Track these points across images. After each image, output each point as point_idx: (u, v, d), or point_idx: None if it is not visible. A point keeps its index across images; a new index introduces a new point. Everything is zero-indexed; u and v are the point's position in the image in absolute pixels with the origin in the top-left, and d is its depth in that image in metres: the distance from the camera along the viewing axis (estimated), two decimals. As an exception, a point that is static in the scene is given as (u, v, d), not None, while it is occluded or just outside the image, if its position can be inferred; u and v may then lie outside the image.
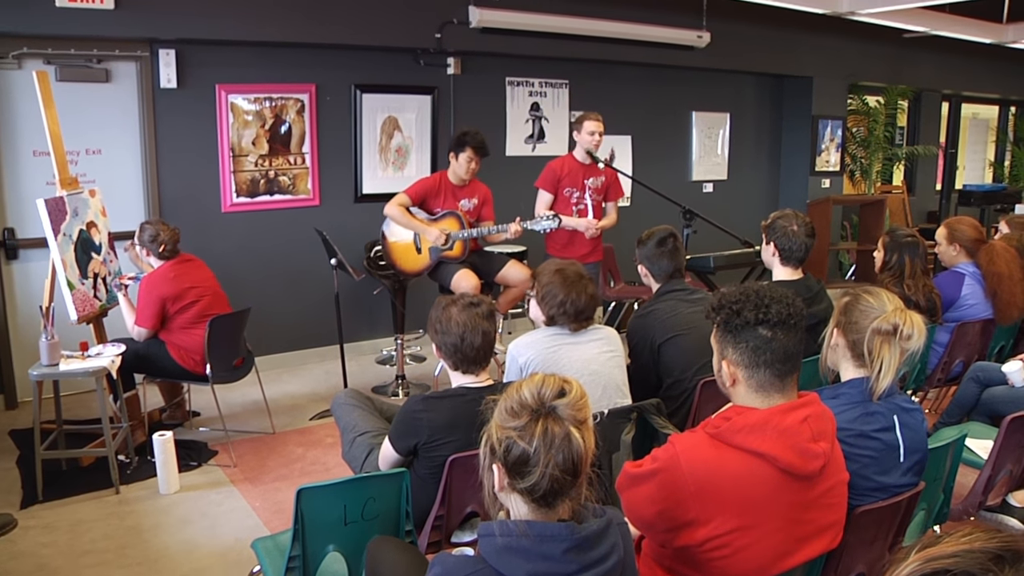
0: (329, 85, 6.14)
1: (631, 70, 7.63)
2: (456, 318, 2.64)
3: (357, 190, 6.39)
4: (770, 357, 1.93)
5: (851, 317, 2.32)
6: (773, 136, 9.02)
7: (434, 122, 6.61)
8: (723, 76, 8.35)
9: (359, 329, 6.52)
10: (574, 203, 5.42)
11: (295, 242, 6.13)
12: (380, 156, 6.45)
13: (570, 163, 5.48)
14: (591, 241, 5.43)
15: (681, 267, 3.55)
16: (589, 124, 5.37)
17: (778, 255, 3.56)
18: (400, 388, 5.61)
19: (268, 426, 4.95)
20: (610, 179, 5.50)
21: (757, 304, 1.95)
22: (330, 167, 6.24)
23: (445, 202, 5.23)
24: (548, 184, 5.46)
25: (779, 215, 3.59)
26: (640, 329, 3.40)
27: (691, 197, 7.72)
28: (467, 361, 2.67)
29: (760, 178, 8.98)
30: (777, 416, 1.88)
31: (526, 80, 7.09)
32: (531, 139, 7.18)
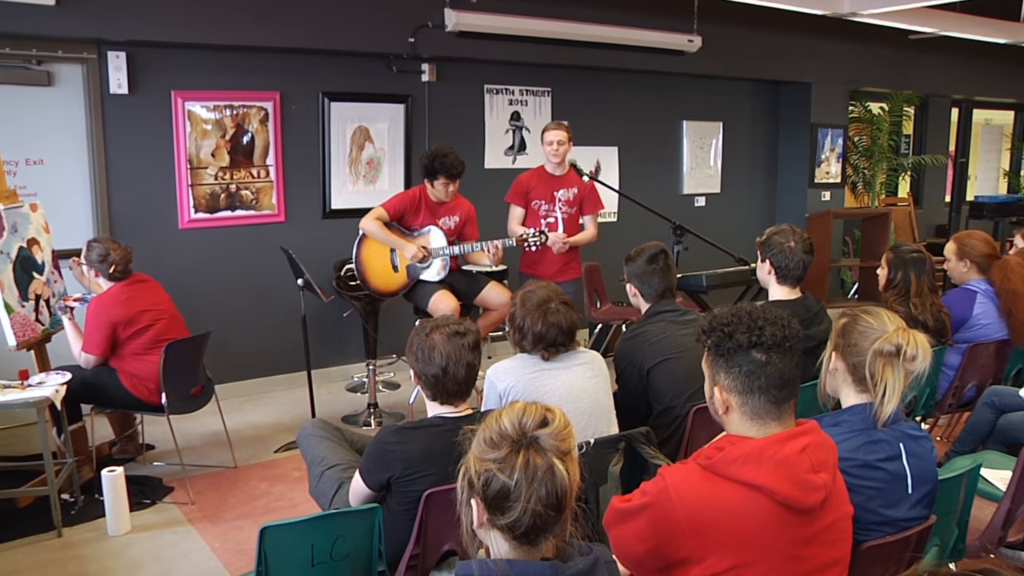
0: (295, 93, 6.16)
1: (618, 77, 7.71)
2: (440, 347, 2.64)
3: (325, 205, 6.40)
4: (765, 382, 1.94)
5: (850, 339, 2.35)
6: (769, 146, 9.12)
7: (408, 133, 6.64)
8: (715, 83, 8.44)
9: (328, 354, 6.51)
10: (543, 216, 5.48)
11: (259, 261, 6.12)
12: (350, 169, 6.47)
13: (539, 175, 5.56)
14: (563, 257, 5.48)
15: (672, 286, 3.57)
16: (548, 134, 5.48)
17: (774, 273, 3.60)
18: (372, 418, 5.60)
19: (229, 460, 4.92)
20: (585, 191, 5.55)
21: (750, 326, 1.97)
22: (296, 181, 6.25)
23: (424, 219, 5.25)
24: (517, 198, 5.54)
25: (775, 231, 3.63)
26: (628, 353, 3.41)
27: (682, 212, 7.78)
28: (447, 393, 2.68)
29: (755, 191, 9.07)
30: (774, 446, 1.90)
31: (506, 88, 7.14)
32: (511, 151, 7.23)
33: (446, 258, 5.20)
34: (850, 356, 2.34)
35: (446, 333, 2.66)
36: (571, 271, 5.60)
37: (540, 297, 3.12)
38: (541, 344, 3.09)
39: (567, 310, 3.11)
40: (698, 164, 8.51)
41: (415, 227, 5.24)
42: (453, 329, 2.67)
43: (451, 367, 2.63)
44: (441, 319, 2.76)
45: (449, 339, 2.64)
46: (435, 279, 5.19)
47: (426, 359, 2.65)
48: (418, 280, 5.21)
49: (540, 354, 3.10)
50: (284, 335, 6.17)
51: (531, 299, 3.12)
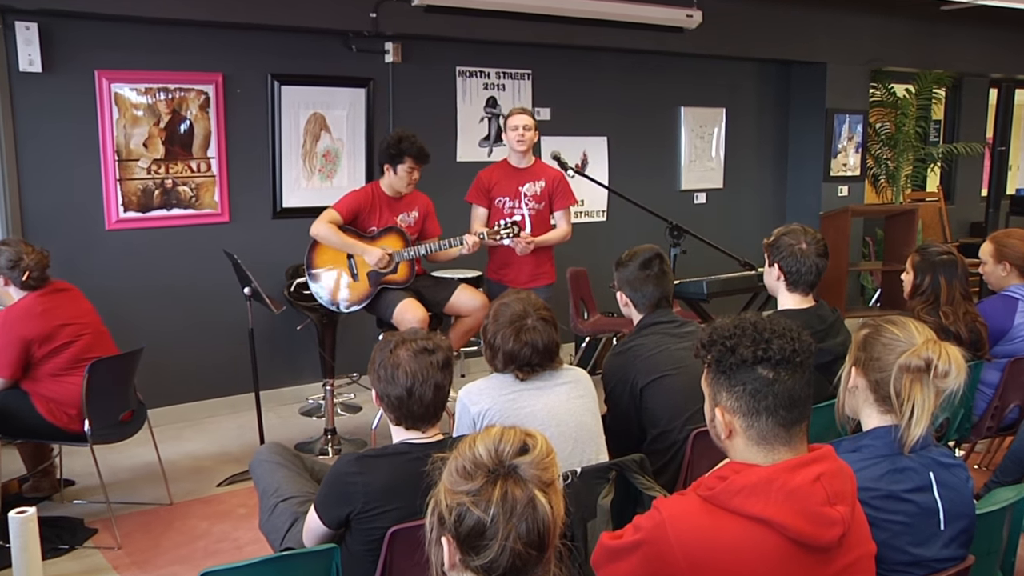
0: (240, 74, 6.15)
1: (607, 58, 7.74)
2: (406, 366, 2.64)
3: (276, 204, 6.39)
4: (772, 402, 1.96)
5: (872, 352, 2.37)
6: (779, 136, 9.18)
7: (369, 121, 6.64)
8: (718, 64, 8.49)
9: (279, 374, 6.49)
10: (507, 214, 5.52)
11: (199, 267, 6.10)
12: (304, 162, 6.46)
13: (501, 169, 5.61)
14: (534, 260, 5.52)
15: (668, 294, 3.59)
16: (512, 118, 5.54)
17: (784, 279, 3.62)
18: (329, 445, 5.60)
19: (164, 496, 4.90)
20: (553, 184, 5.59)
21: (755, 339, 1.98)
22: (242, 176, 6.24)
23: (381, 218, 5.27)
24: (478, 196, 5.58)
25: (784, 231, 3.65)
26: (619, 369, 3.42)
27: (680, 210, 7.81)
28: (413, 417, 2.68)
29: (763, 186, 9.13)
30: (783, 474, 1.91)
31: (480, 70, 7.16)
32: (487, 141, 7.24)
33: (412, 260, 5.21)
34: (872, 372, 2.36)
35: (413, 349, 2.66)
36: (544, 276, 5.62)
37: (515, 311, 3.13)
38: (513, 364, 3.10)
39: (545, 327, 3.12)
40: (698, 156, 8.56)
41: (372, 228, 5.25)
42: (421, 345, 2.68)
43: (417, 388, 2.63)
44: (408, 333, 2.76)
45: (416, 356, 2.65)
46: (400, 286, 5.19)
47: (389, 378, 2.65)
48: (382, 288, 5.21)
49: (514, 374, 3.12)
50: (229, 352, 6.15)
51: (504, 313, 3.14)
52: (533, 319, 3.11)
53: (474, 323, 5.22)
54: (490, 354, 3.16)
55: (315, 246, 5.25)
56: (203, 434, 5.95)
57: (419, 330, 2.84)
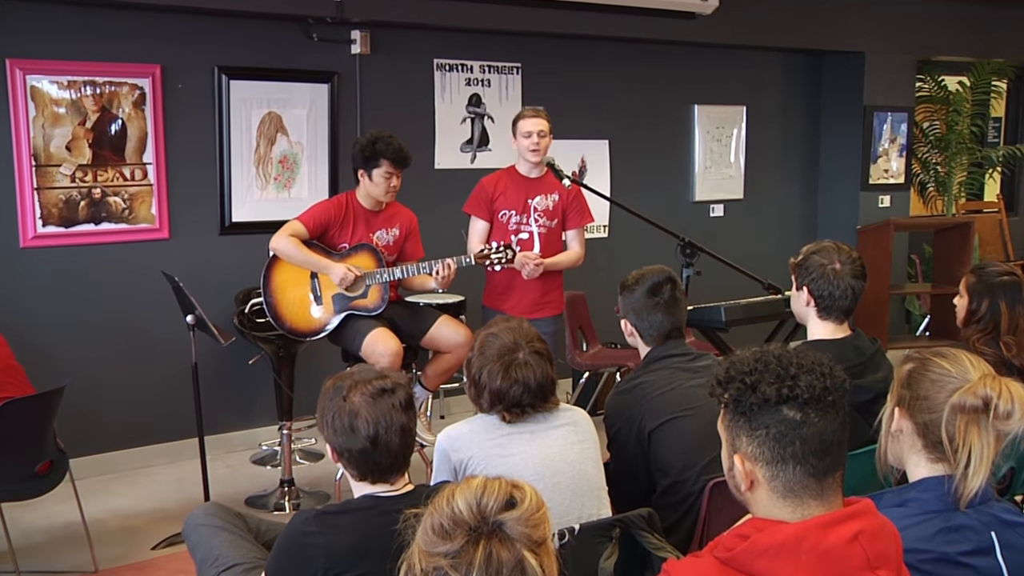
0: (182, 67, 6.15)
1: (609, 48, 7.78)
2: (365, 413, 2.63)
3: (224, 218, 6.39)
4: (801, 448, 1.95)
5: (919, 390, 2.37)
6: (809, 137, 9.24)
7: (333, 121, 6.66)
8: (738, 55, 8.54)
9: (227, 415, 6.48)
10: (513, 231, 5.51)
11: (133, 292, 6.09)
12: (257, 169, 6.47)
13: (508, 177, 5.59)
14: (540, 285, 5.51)
15: (681, 323, 3.60)
16: (524, 123, 5.50)
17: (814, 305, 3.62)
18: (286, 499, 5.58)
19: (87, 562, 4.85)
20: (569, 198, 5.60)
21: (780, 374, 1.97)
22: (184, 185, 6.23)
23: (355, 234, 5.27)
24: (479, 207, 5.55)
25: (815, 249, 3.66)
26: (624, 410, 3.43)
27: (693, 224, 7.85)
28: (380, 470, 2.68)
29: (790, 196, 9.17)
30: (815, 532, 1.90)
31: (462, 63, 7.18)
32: (469, 146, 7.27)
33: (384, 284, 5.21)
34: (920, 413, 2.36)
35: (369, 392, 2.65)
36: (551, 305, 5.62)
37: (504, 343, 3.13)
38: (501, 404, 3.11)
39: (539, 362, 3.13)
40: (714, 162, 8.60)
41: (343, 245, 5.26)
42: (377, 386, 2.67)
43: (382, 437, 2.62)
44: (358, 373, 2.75)
45: (374, 400, 2.64)
46: (370, 313, 5.19)
47: (347, 430, 2.64)
48: (348, 316, 5.21)
49: (501, 415, 3.12)
50: (168, 390, 6.13)
51: (491, 345, 3.14)
52: (525, 352, 3.11)
53: (455, 360, 5.21)
54: (475, 392, 3.16)
55: (274, 263, 5.25)
56: (136, 488, 5.91)
57: (368, 368, 2.85)
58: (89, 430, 5.96)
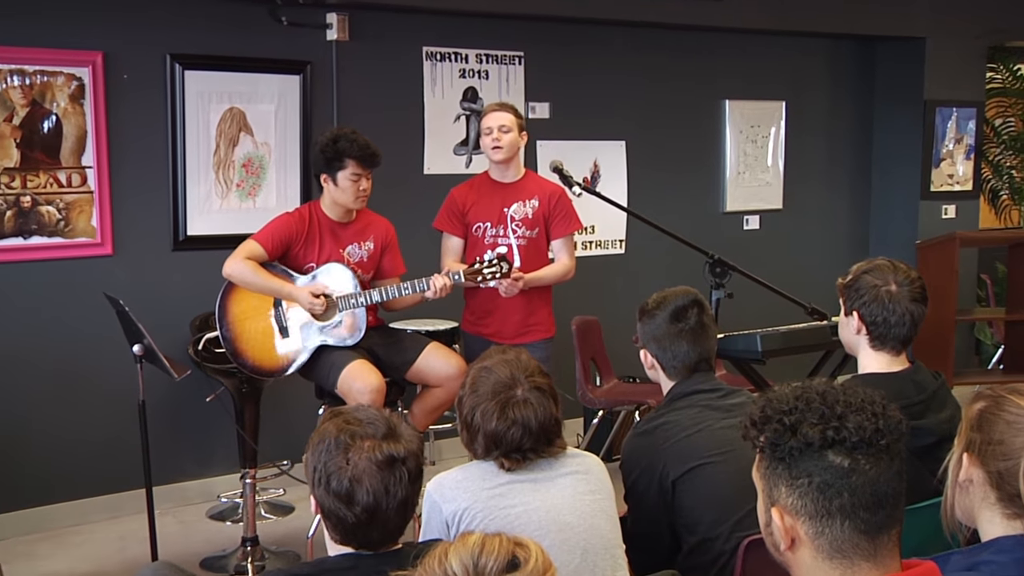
0: (127, 54, 6.13)
1: (626, 35, 7.79)
2: (368, 481, 2.55)
3: (178, 230, 6.36)
4: (850, 501, 1.94)
5: (992, 433, 2.36)
6: (859, 137, 9.23)
7: (305, 118, 6.65)
8: (776, 43, 8.55)
9: (180, 462, 6.45)
10: (489, 244, 5.52)
11: (69, 317, 6.07)
12: (217, 175, 6.45)
13: (480, 185, 5.64)
14: (523, 307, 5.52)
15: (709, 354, 3.60)
16: (484, 120, 5.57)
17: (866, 333, 3.61)
18: (249, 560, 5.54)
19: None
20: (551, 203, 5.62)
21: (824, 414, 1.96)
22: (131, 192, 6.20)
23: (322, 251, 5.26)
24: (450, 222, 5.58)
25: (867, 267, 3.65)
26: (643, 455, 3.42)
27: (724, 239, 7.85)
28: (369, 542, 2.64)
29: (837, 206, 9.16)
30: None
31: (455, 52, 7.19)
32: (464, 146, 7.26)
33: (360, 309, 5.21)
34: (993, 460, 2.35)
35: (377, 459, 2.58)
36: (539, 328, 5.63)
37: (499, 379, 3.11)
38: (498, 449, 3.08)
39: (541, 399, 3.10)
40: (748, 166, 8.60)
41: (310, 264, 5.26)
42: (387, 453, 2.59)
43: (381, 512, 2.57)
44: (366, 421, 2.69)
45: (381, 469, 2.57)
46: (346, 343, 5.19)
47: (344, 495, 2.57)
48: (320, 347, 5.20)
49: (499, 462, 3.11)
50: (109, 433, 6.09)
51: (485, 380, 3.13)
52: (524, 388, 3.10)
53: (447, 396, 5.17)
54: (467, 436, 3.15)
55: (230, 291, 5.24)
56: (69, 549, 5.86)
57: (374, 413, 2.76)
58: (13, 481, 5.92)
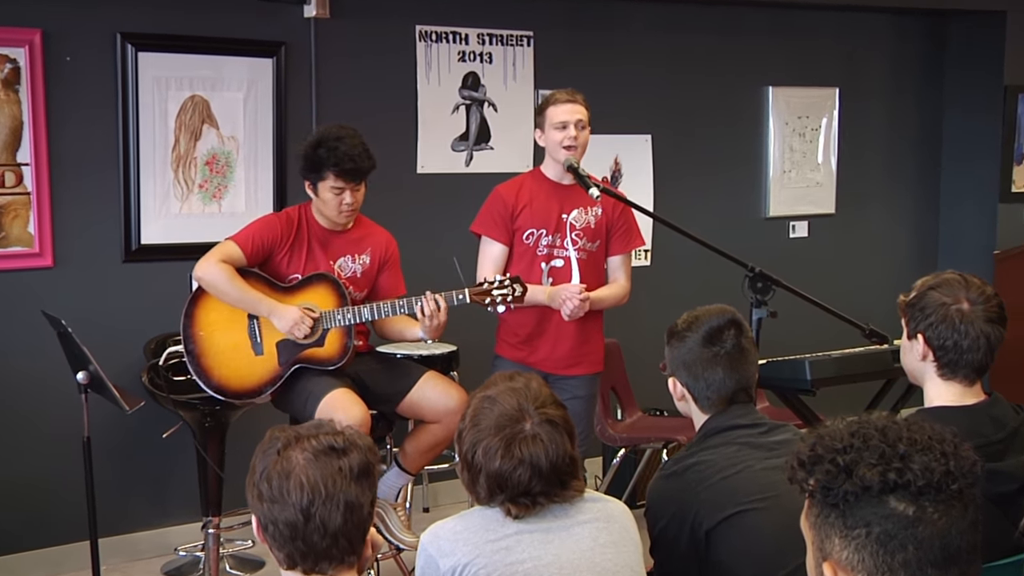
0: (71, 33, 6.14)
1: (651, 12, 7.82)
2: (300, 474, 2.59)
3: (130, 239, 6.37)
4: (915, 556, 1.93)
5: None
6: (926, 130, 9.24)
7: (279, 109, 6.67)
8: (828, 19, 8.57)
9: (132, 509, 6.45)
10: (543, 258, 5.49)
11: (1, 338, 6.06)
12: (176, 174, 6.46)
13: (534, 184, 5.56)
14: (578, 333, 5.49)
15: (749, 382, 3.60)
16: (556, 111, 5.43)
17: (933, 359, 3.60)
18: (212, 623, 5.58)
19: None
20: (616, 213, 5.61)
21: (885, 453, 1.96)
22: (75, 194, 6.21)
23: (308, 260, 5.28)
24: (494, 226, 5.50)
25: (934, 282, 3.64)
26: (672, 501, 3.42)
27: (767, 248, 7.88)
28: (314, 554, 2.63)
29: (900, 210, 9.17)
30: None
31: (454, 31, 7.20)
32: (464, 143, 7.28)
33: (349, 329, 5.20)
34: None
35: (313, 449, 2.62)
36: (590, 359, 5.61)
37: (504, 410, 3.10)
38: (502, 493, 3.07)
39: (553, 434, 3.09)
40: (795, 164, 8.61)
41: (294, 275, 5.27)
42: (325, 443, 2.63)
43: (318, 508, 2.58)
44: (308, 426, 2.74)
45: (316, 460, 2.60)
46: (327, 367, 5.19)
47: (276, 494, 2.60)
48: (300, 369, 5.20)
49: (504, 508, 3.09)
50: (48, 475, 6.09)
51: (488, 412, 3.11)
52: (533, 422, 3.08)
53: (445, 433, 5.18)
54: (468, 477, 3.14)
55: (200, 299, 5.24)
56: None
57: (324, 422, 2.80)
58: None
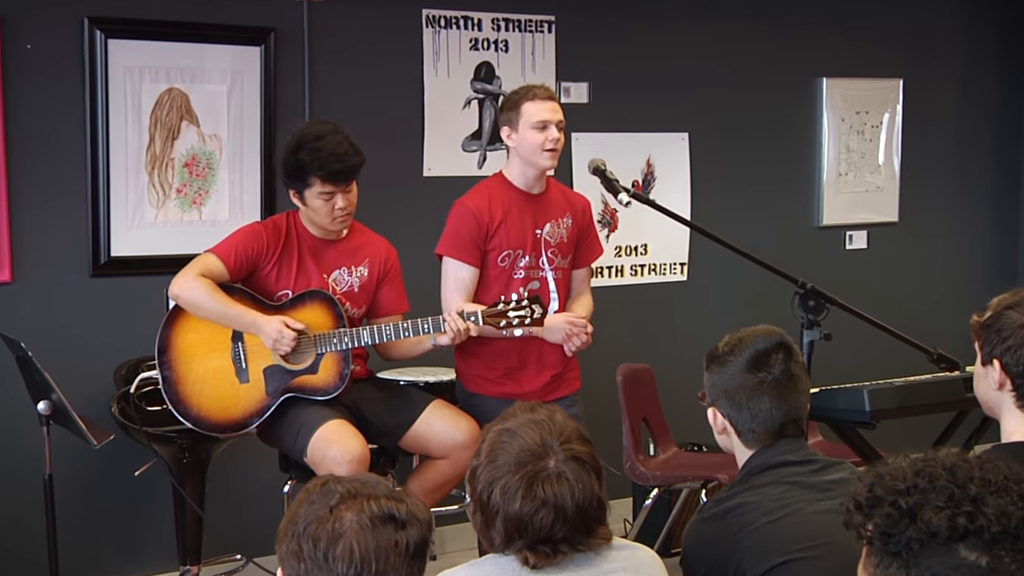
0: (31, 17, 6.17)
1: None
2: (352, 541, 2.56)
3: (99, 251, 6.39)
4: (988, 612, 1.94)
5: None
6: (1004, 127, 9.24)
7: (268, 103, 6.71)
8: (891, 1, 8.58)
9: (100, 556, 6.46)
10: (520, 281, 5.50)
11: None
12: (151, 177, 6.49)
13: (502, 197, 5.53)
14: (561, 356, 5.55)
15: (799, 414, 3.59)
16: (533, 108, 5.39)
17: (1011, 388, 3.59)
18: None
19: None
20: (585, 220, 5.68)
21: (954, 495, 1.97)
22: (36, 200, 6.25)
23: (299, 275, 5.30)
24: (465, 248, 5.46)
25: (1012, 301, 3.61)
26: (712, 547, 3.41)
27: (820, 261, 7.92)
28: None
29: (973, 218, 9.18)
30: None
31: (465, 16, 7.24)
32: (476, 141, 7.32)
33: (346, 354, 5.20)
34: None
35: (370, 514, 2.61)
36: (568, 378, 5.67)
37: (526, 444, 3.07)
38: (521, 539, 3.05)
39: (580, 473, 3.06)
40: (853, 166, 8.63)
41: (286, 292, 5.28)
42: (385, 510, 2.62)
43: None
44: (362, 482, 2.71)
45: (374, 527, 2.59)
46: (320, 396, 5.18)
47: (319, 557, 2.58)
48: (290, 399, 5.20)
49: (522, 556, 3.08)
50: (4, 517, 6.09)
51: (507, 448, 3.08)
52: (558, 459, 3.07)
53: (453, 470, 5.22)
54: (482, 520, 3.12)
55: (177, 318, 5.25)
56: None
57: (381, 481, 2.79)
58: None
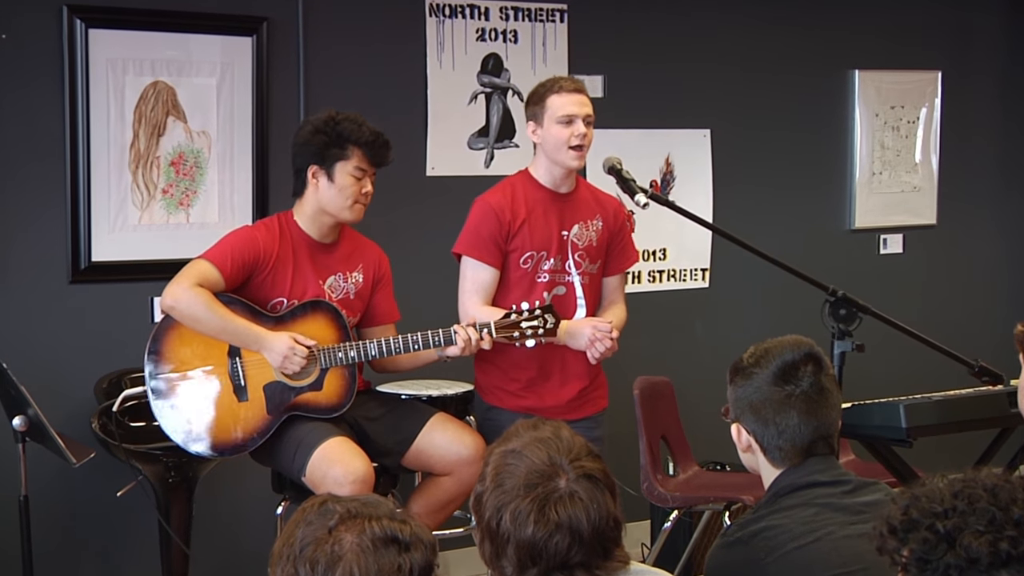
0: (7, 5, 6.18)
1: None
2: (351, 565, 2.58)
3: (79, 255, 6.40)
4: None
5: None
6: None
7: (260, 97, 6.72)
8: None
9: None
10: (544, 285, 5.50)
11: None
12: (135, 176, 6.49)
13: (528, 193, 5.53)
14: (588, 369, 5.53)
15: (830, 430, 3.59)
16: (558, 101, 5.40)
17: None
18: None
19: None
20: (617, 223, 5.66)
21: (995, 519, 1.98)
22: (11, 201, 6.26)
23: (296, 281, 5.30)
24: (486, 248, 5.46)
25: (1059, 311, 3.64)
26: (735, 572, 3.42)
27: (852, 267, 7.92)
28: None
29: (1016, 220, 9.18)
30: None
31: (472, 4, 7.25)
32: (483, 139, 7.33)
33: (352, 368, 5.22)
34: None
35: (371, 535, 2.62)
36: (596, 396, 5.67)
37: (534, 465, 3.07)
38: (534, 567, 3.04)
39: (594, 493, 3.06)
40: (888, 164, 8.63)
41: (281, 300, 5.29)
42: (387, 531, 2.63)
43: None
44: (363, 502, 2.73)
45: (375, 551, 2.60)
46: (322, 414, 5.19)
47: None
48: (292, 416, 5.20)
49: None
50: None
51: (514, 470, 3.08)
52: (569, 479, 3.06)
53: (458, 488, 5.21)
54: (491, 548, 3.11)
55: (169, 331, 5.23)
56: None
57: (380, 499, 2.81)
58: None
